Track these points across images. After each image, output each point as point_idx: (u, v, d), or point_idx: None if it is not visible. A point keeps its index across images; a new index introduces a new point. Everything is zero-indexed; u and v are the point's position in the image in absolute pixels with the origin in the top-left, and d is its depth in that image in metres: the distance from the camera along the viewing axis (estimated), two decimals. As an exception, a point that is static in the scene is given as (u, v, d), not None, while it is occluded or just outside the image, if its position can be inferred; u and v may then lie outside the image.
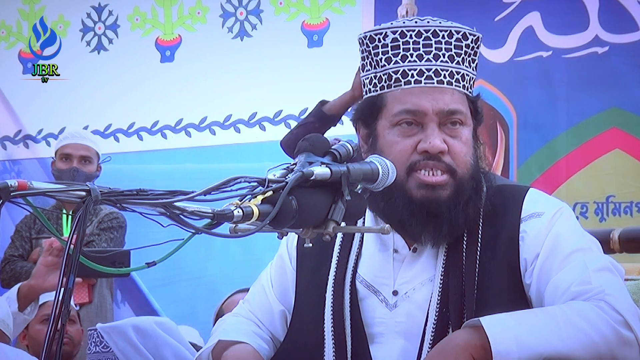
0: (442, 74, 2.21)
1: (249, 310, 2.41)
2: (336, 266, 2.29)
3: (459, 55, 2.23)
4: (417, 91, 2.20)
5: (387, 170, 2.02)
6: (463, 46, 2.23)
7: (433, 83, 2.20)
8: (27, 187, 1.55)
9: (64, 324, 1.58)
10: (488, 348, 1.94)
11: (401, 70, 2.22)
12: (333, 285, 2.27)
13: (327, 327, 2.25)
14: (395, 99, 2.22)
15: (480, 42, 2.29)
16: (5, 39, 6.92)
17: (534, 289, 2.15)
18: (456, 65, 2.22)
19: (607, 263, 2.14)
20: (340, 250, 2.31)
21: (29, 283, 3.88)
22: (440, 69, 2.21)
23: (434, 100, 2.19)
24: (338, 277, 2.27)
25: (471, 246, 2.20)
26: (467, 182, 2.21)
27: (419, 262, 2.24)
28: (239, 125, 6.27)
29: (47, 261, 3.95)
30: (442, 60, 2.21)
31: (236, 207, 1.78)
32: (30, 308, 3.98)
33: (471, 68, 2.26)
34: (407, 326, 2.21)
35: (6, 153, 6.81)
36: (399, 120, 2.21)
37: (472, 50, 2.26)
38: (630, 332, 2.00)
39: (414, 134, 2.20)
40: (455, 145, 2.20)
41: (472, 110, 2.26)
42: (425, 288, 2.21)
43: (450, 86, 2.21)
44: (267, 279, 2.42)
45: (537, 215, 2.20)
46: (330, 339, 2.24)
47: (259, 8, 6.30)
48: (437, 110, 2.19)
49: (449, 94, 2.21)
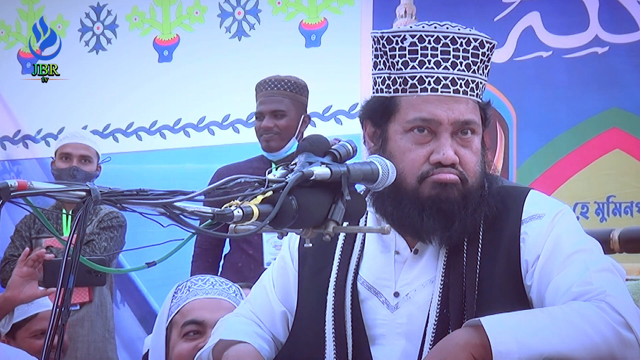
0: (459, 82, 2.20)
1: (250, 310, 2.41)
2: (338, 267, 2.29)
3: (475, 64, 2.23)
4: (434, 99, 2.20)
5: (387, 171, 2.02)
6: (480, 54, 2.23)
7: (449, 92, 2.20)
8: (27, 187, 1.55)
9: (64, 324, 1.57)
10: (488, 347, 1.94)
11: (418, 76, 2.21)
12: (334, 286, 2.27)
13: (328, 329, 2.25)
14: (410, 105, 2.21)
15: (495, 49, 2.29)
16: (4, 39, 6.92)
17: (534, 290, 2.14)
18: (472, 73, 2.22)
19: (608, 264, 2.14)
20: (342, 252, 2.31)
21: (4, 295, 3.84)
22: (457, 77, 2.21)
23: (450, 110, 2.19)
24: (339, 279, 2.27)
25: (472, 248, 2.20)
26: (476, 191, 2.21)
27: (420, 263, 2.24)
28: (237, 125, 6.26)
29: (22, 272, 3.92)
30: (460, 69, 2.21)
31: (236, 207, 1.78)
32: (4, 321, 3.94)
33: (484, 75, 2.27)
34: (408, 327, 2.21)
35: (5, 153, 6.81)
36: (412, 127, 2.21)
37: (487, 58, 2.26)
38: (630, 333, 2.00)
39: (427, 142, 2.20)
40: (466, 156, 2.20)
41: (482, 117, 2.26)
42: (426, 289, 2.21)
43: (466, 95, 2.21)
44: (269, 279, 2.42)
45: (538, 216, 2.20)
46: (331, 340, 2.24)
47: (257, 8, 6.30)
48: (452, 120, 2.19)
49: (464, 103, 2.21)
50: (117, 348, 5.51)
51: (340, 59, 5.85)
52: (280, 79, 4.86)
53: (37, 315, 4.22)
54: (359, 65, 5.67)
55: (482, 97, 2.27)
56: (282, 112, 4.79)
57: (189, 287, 2.90)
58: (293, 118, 4.80)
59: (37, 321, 4.24)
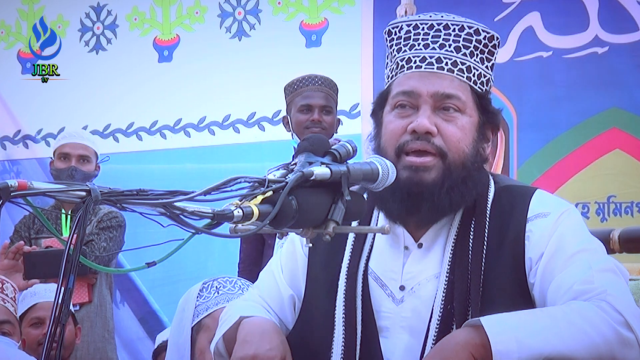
0: (445, 61, 2.22)
1: (258, 295, 2.40)
2: (350, 255, 2.30)
3: (467, 48, 2.24)
4: (417, 75, 2.23)
5: (387, 171, 2.02)
6: (473, 40, 2.25)
7: (433, 69, 2.22)
8: (27, 187, 1.54)
9: (64, 324, 1.57)
10: (488, 347, 1.94)
11: (406, 57, 2.25)
12: (347, 273, 2.27)
13: (339, 315, 2.24)
14: (397, 84, 2.26)
15: (498, 42, 2.29)
16: (4, 39, 6.92)
17: (537, 289, 2.14)
18: (462, 56, 2.23)
19: (611, 265, 2.14)
20: (354, 241, 2.32)
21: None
22: (443, 57, 2.23)
23: (430, 84, 2.21)
24: (352, 266, 2.28)
25: (477, 244, 2.20)
26: (457, 169, 2.21)
27: (426, 258, 2.25)
28: (237, 125, 6.27)
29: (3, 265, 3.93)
30: (447, 50, 2.23)
31: (236, 207, 1.78)
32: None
33: (483, 65, 2.27)
34: (412, 322, 2.21)
35: (5, 153, 6.81)
36: (396, 102, 2.24)
37: (486, 48, 2.26)
38: (631, 332, 2.00)
39: (408, 115, 2.22)
40: (447, 129, 2.20)
41: (479, 104, 2.25)
42: (431, 284, 2.22)
43: (452, 73, 2.22)
44: (277, 264, 2.42)
45: (544, 215, 2.20)
46: (340, 327, 2.23)
47: (257, 8, 6.30)
48: (431, 92, 2.20)
49: (448, 80, 2.22)
50: (117, 348, 5.51)
51: (340, 59, 5.85)
52: (325, 77, 4.87)
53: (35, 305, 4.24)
54: (360, 65, 5.67)
55: (484, 87, 2.27)
56: (330, 109, 4.79)
57: (218, 289, 2.88)
58: (334, 117, 4.82)
59: (34, 310, 4.26)
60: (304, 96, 4.78)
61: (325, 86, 4.81)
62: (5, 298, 3.85)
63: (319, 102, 4.76)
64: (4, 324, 3.82)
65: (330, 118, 4.77)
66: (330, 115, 4.78)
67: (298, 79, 4.85)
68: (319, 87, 4.80)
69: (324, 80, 4.83)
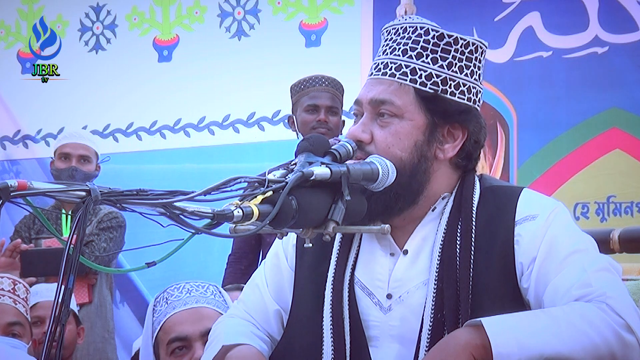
0: (390, 66, 2.22)
1: (244, 310, 2.38)
2: (335, 264, 2.27)
3: (414, 50, 2.21)
4: (368, 83, 2.25)
5: (387, 170, 2.01)
6: (421, 41, 2.22)
7: (378, 75, 2.23)
8: (27, 187, 1.54)
9: (64, 324, 1.57)
10: (488, 348, 1.92)
11: (372, 64, 2.28)
12: (332, 282, 2.24)
13: (326, 325, 2.22)
14: None
15: (453, 40, 2.23)
16: (4, 39, 6.92)
17: (532, 293, 2.12)
18: (407, 59, 2.21)
19: (605, 263, 2.12)
20: (340, 248, 2.28)
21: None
22: (390, 61, 2.22)
23: (369, 91, 2.22)
24: (337, 276, 2.25)
25: (465, 249, 2.17)
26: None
27: (414, 265, 2.22)
28: (237, 125, 6.27)
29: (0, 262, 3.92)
30: (395, 54, 2.23)
31: (236, 207, 1.77)
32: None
33: (436, 65, 2.21)
34: (401, 331, 2.18)
35: (5, 153, 6.81)
36: (354, 113, 2.26)
37: (437, 47, 2.22)
38: (631, 334, 1.99)
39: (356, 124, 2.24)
40: (378, 135, 2.19)
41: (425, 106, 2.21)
42: (420, 292, 2.18)
43: (393, 78, 2.21)
44: (262, 278, 2.38)
45: (532, 217, 2.17)
46: (329, 337, 2.21)
47: (256, 8, 6.30)
48: (368, 99, 2.21)
49: (387, 84, 2.21)
50: (117, 348, 5.50)
51: (340, 59, 5.85)
52: (331, 78, 4.86)
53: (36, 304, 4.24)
54: (359, 65, 5.68)
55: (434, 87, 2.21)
56: (336, 110, 4.79)
57: (167, 299, 2.87)
58: (340, 118, 4.81)
59: (35, 309, 4.26)
60: (310, 96, 4.77)
61: (332, 87, 4.80)
62: (16, 299, 3.86)
63: (325, 102, 4.75)
64: (14, 325, 3.84)
65: (336, 119, 4.76)
66: (336, 117, 4.77)
67: (305, 78, 4.84)
68: (325, 88, 4.79)
69: (330, 81, 4.82)
